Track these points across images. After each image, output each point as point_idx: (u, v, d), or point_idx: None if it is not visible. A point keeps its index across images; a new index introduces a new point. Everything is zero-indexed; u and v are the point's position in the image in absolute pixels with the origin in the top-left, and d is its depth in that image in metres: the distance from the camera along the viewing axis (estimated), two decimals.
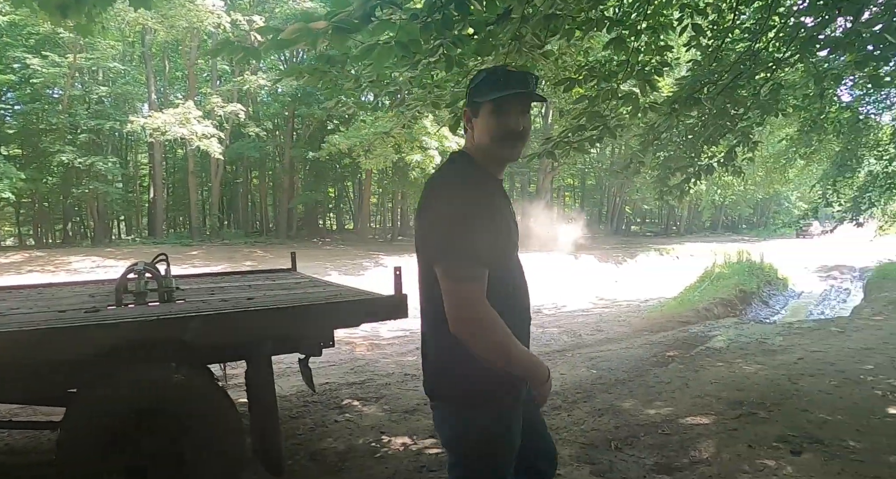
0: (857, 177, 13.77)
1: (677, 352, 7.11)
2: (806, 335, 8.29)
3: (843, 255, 26.61)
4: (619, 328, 10.77)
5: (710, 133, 6.72)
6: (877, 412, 5.04)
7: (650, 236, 38.49)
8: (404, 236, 32.70)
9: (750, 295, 15.42)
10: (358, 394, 5.70)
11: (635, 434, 4.47)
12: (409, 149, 21.74)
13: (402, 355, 8.35)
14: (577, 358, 7.14)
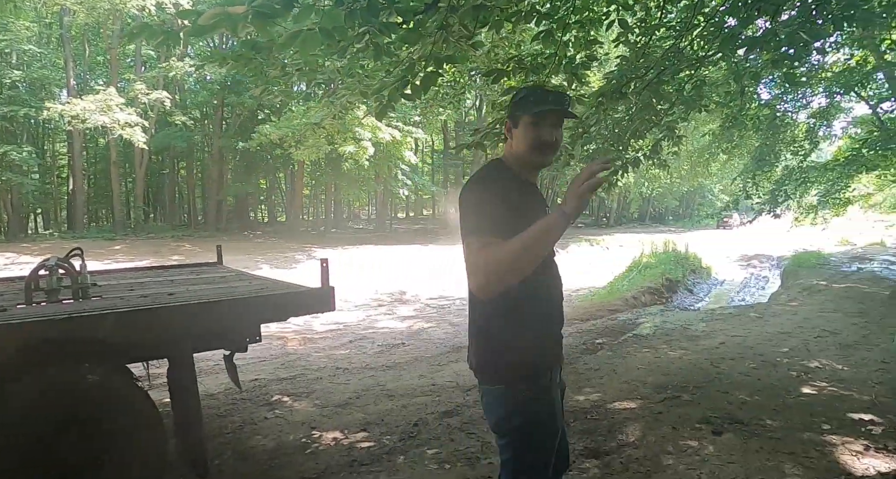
0: (775, 171, 14.41)
1: (606, 339, 7.29)
2: (727, 321, 8.63)
3: (762, 245, 27.89)
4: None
5: (636, 127, 6.87)
6: (792, 391, 5.30)
7: (581, 228, 39.23)
8: (338, 229, 32.35)
9: (676, 283, 15.94)
10: (288, 390, 5.59)
11: (565, 421, 4.55)
12: (342, 140, 21.41)
13: (334, 349, 8.26)
14: None
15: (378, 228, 31.32)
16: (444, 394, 5.27)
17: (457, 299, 15.56)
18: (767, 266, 22.77)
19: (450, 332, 9.78)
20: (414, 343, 8.44)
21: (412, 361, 6.85)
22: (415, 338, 9.11)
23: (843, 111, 15.04)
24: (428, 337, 9.22)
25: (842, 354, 6.77)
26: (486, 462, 3.82)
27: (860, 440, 4.19)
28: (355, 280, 17.29)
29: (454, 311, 13.28)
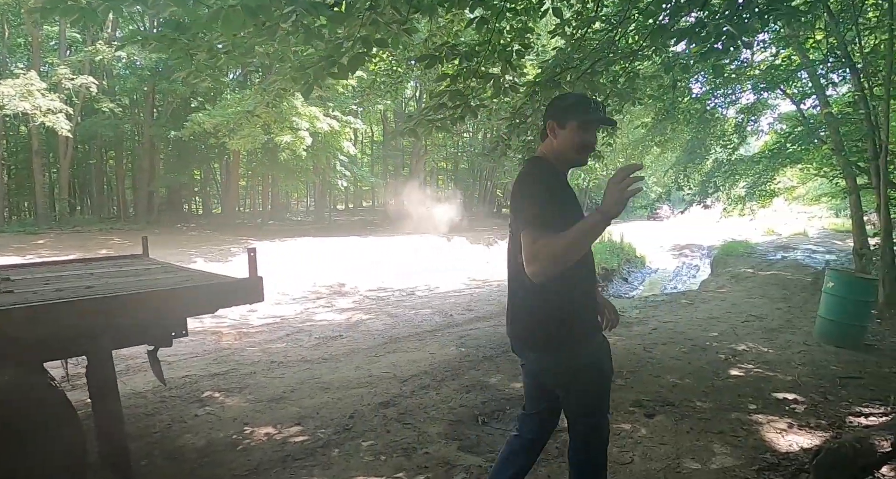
0: (705, 164, 14.83)
1: None
2: (659, 308, 8.85)
3: (693, 235, 28.78)
4: (489, 307, 10.97)
5: None
6: (720, 374, 5.47)
7: None
8: (276, 221, 31.62)
9: (611, 273, 16.28)
10: (220, 385, 5.41)
11: (502, 408, 4.56)
12: (279, 130, 20.90)
13: (270, 343, 8.06)
14: (447, 337, 7.20)
15: (317, 220, 30.74)
16: (380, 385, 5.20)
17: (396, 291, 15.48)
18: (698, 255, 23.51)
19: (388, 323, 9.69)
20: (351, 335, 8.32)
21: (349, 353, 6.74)
22: (353, 330, 8.97)
23: (770, 108, 15.60)
24: (366, 329, 9.09)
25: (767, 337, 7.03)
26: (423, 452, 3.78)
27: (784, 419, 4.35)
28: (293, 273, 16.98)
29: (393, 302, 13.20)
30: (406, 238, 23.87)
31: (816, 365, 5.88)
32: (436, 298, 13.90)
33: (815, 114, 13.84)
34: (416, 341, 7.16)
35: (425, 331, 8.03)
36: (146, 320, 3.23)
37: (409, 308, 11.92)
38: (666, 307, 8.86)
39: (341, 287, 16.02)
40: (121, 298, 3.07)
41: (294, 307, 12.42)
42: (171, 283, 3.62)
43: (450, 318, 9.80)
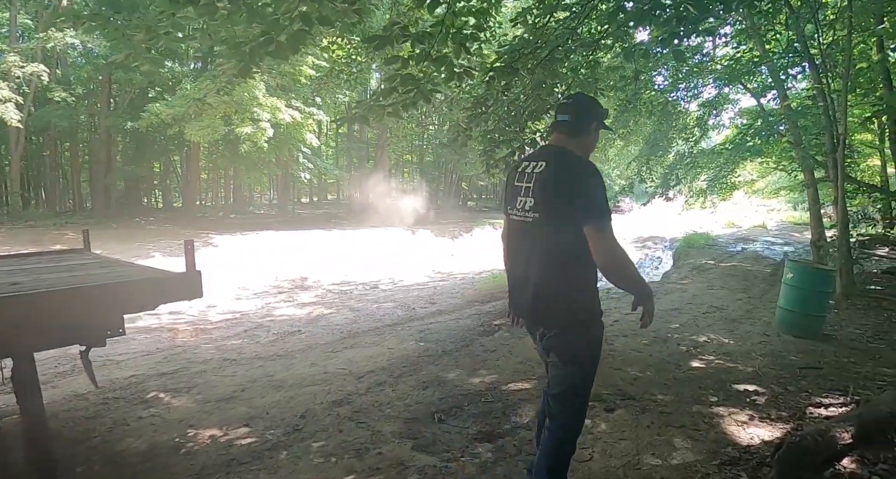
0: (668, 156, 14.90)
1: (504, 321, 7.22)
2: (622, 299, 8.80)
3: (655, 227, 29.04)
4: (452, 300, 10.86)
5: (532, 108, 6.83)
6: (682, 366, 5.41)
7: (486, 211, 39.58)
8: (238, 214, 30.96)
9: None
10: (168, 385, 5.17)
11: (459, 405, 4.42)
12: (240, 121, 20.40)
13: (226, 339, 7.81)
14: (408, 331, 7.04)
15: (280, 213, 30.20)
16: (335, 382, 5.02)
17: (359, 284, 15.27)
18: (661, 247, 23.68)
19: (349, 317, 9.50)
20: (310, 331, 8.11)
21: (305, 349, 6.54)
22: (312, 325, 8.77)
23: (731, 102, 15.74)
24: (326, 323, 8.90)
25: (728, 328, 7.02)
26: (376, 452, 3.62)
27: (745, 411, 4.30)
28: (255, 267, 16.67)
29: (356, 296, 13.01)
30: (370, 231, 23.64)
31: (776, 356, 5.87)
32: (399, 291, 13.76)
33: (774, 108, 14.00)
34: (376, 335, 6.99)
35: (386, 325, 7.88)
36: (75, 318, 2.99)
37: (372, 302, 11.76)
38: (629, 299, 8.83)
39: (304, 281, 15.77)
40: (45, 295, 2.84)
41: (254, 302, 12.19)
42: (103, 278, 3.39)
43: (412, 311, 9.65)
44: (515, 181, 2.68)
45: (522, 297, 2.69)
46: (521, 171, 2.66)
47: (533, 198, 2.55)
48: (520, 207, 2.62)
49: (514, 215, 2.68)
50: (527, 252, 2.62)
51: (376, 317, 9.06)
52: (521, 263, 2.67)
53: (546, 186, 2.51)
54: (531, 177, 2.58)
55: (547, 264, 2.54)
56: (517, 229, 2.69)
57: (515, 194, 2.66)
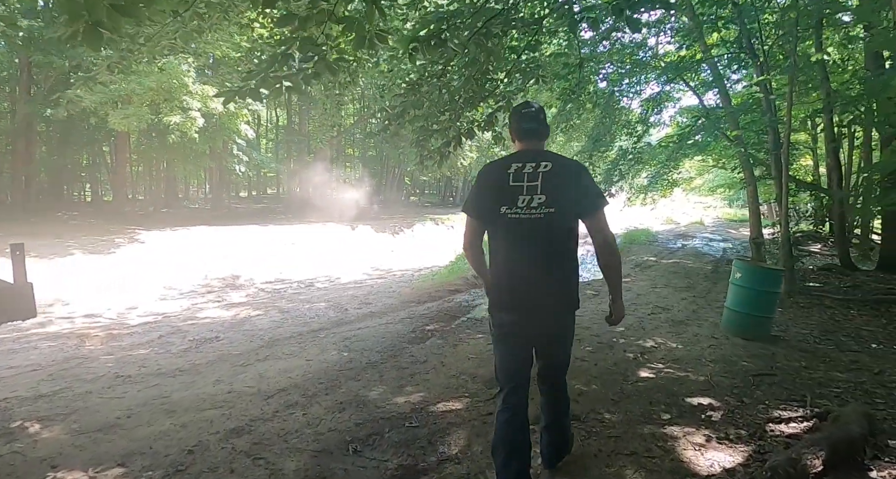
0: (610, 152, 14.59)
1: (437, 325, 6.60)
2: None
3: None
4: (387, 300, 10.21)
5: (469, 96, 6.24)
6: (629, 376, 4.88)
7: (429, 206, 38.96)
8: (171, 209, 29.27)
9: None
10: (41, 411, 4.31)
11: (380, 431, 3.75)
12: (168, 109, 19.07)
13: (136, 348, 6.97)
14: (332, 339, 6.32)
15: (215, 208, 28.69)
16: (238, 405, 4.27)
17: (294, 283, 14.47)
18: None
19: (276, 320, 8.76)
20: (230, 337, 7.32)
21: (215, 361, 5.74)
22: (234, 330, 7.98)
23: (673, 100, 15.56)
24: (250, 327, 8.13)
25: (675, 331, 6.58)
26: None
27: (702, 430, 3.80)
28: (184, 265, 15.67)
29: (288, 295, 12.26)
30: (308, 227, 22.70)
31: (727, 361, 5.44)
32: (334, 290, 13.09)
33: (716, 107, 13.88)
34: (297, 343, 6.24)
35: (311, 330, 7.15)
36: None
37: (304, 302, 11.08)
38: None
39: (235, 280, 14.94)
40: None
41: (180, 303, 11.38)
42: None
43: (344, 313, 9.00)
44: (511, 182, 2.72)
45: (538, 284, 2.74)
46: (516, 172, 2.72)
47: (545, 195, 2.67)
48: (523, 205, 2.69)
49: (515, 214, 2.71)
50: (541, 245, 2.71)
51: (305, 320, 8.35)
52: (535, 255, 2.72)
53: (560, 184, 2.69)
54: (536, 176, 2.69)
55: (564, 253, 2.76)
56: (519, 227, 2.72)
57: (515, 194, 2.71)
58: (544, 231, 2.70)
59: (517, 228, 2.71)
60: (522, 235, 2.71)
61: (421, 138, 6.35)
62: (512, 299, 2.79)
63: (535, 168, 2.70)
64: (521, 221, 2.69)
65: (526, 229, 2.70)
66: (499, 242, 2.79)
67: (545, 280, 2.73)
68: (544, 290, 2.74)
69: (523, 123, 2.86)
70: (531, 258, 2.72)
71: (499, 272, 2.82)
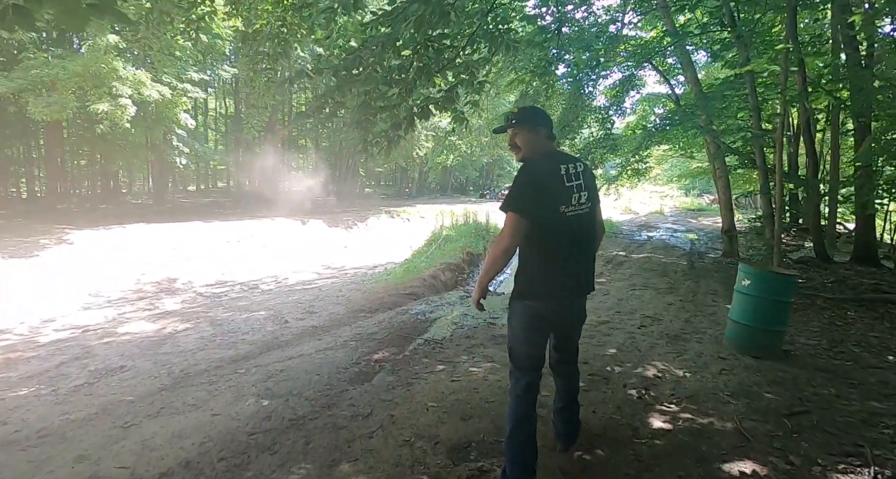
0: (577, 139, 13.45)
1: (388, 352, 5.22)
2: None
3: None
4: (334, 308, 8.87)
5: (422, 65, 4.90)
6: (641, 431, 3.63)
7: (384, 199, 37.35)
8: (111, 205, 26.82)
9: (477, 257, 14.60)
10: None
11: None
12: (96, 96, 17.10)
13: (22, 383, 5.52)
14: (254, 375, 4.86)
15: (158, 203, 26.52)
16: None
17: (237, 285, 12.99)
18: None
19: (204, 337, 7.36)
20: (138, 366, 5.88)
21: (96, 416, 4.19)
22: (149, 354, 6.55)
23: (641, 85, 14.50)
24: (170, 349, 6.73)
25: (674, 350, 5.39)
26: None
27: None
28: (117, 267, 14.01)
29: (227, 301, 10.84)
30: (256, 222, 21.01)
31: (749, 393, 4.29)
32: (280, 294, 11.70)
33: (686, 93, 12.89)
34: (209, 383, 4.76)
35: (234, 359, 5.73)
36: None
37: (243, 310, 9.71)
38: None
39: (171, 284, 13.42)
40: None
41: (105, 313, 9.99)
42: None
43: (283, 326, 7.70)
44: (566, 182, 2.81)
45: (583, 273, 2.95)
46: (566, 173, 2.83)
47: (587, 192, 2.88)
48: (576, 202, 2.82)
49: (571, 211, 2.81)
50: (585, 237, 2.94)
51: (235, 338, 7.01)
52: (582, 247, 2.92)
53: (592, 182, 2.98)
54: (578, 176, 2.86)
55: (592, 243, 3.05)
56: (575, 223, 2.83)
57: (569, 193, 2.81)
58: (588, 225, 2.95)
59: (573, 223, 2.82)
60: (577, 230, 2.86)
61: (363, 118, 4.97)
62: (560, 289, 2.86)
63: (576, 169, 2.86)
64: (577, 217, 2.83)
65: (579, 225, 2.86)
66: (552, 239, 2.80)
67: (586, 269, 2.98)
68: (583, 277, 2.97)
69: (552, 125, 3.02)
70: (581, 251, 2.92)
71: (548, 266, 2.83)
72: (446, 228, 17.32)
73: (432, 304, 7.48)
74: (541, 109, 3.11)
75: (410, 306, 7.57)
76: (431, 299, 7.94)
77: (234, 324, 8.44)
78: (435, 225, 18.43)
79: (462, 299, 7.77)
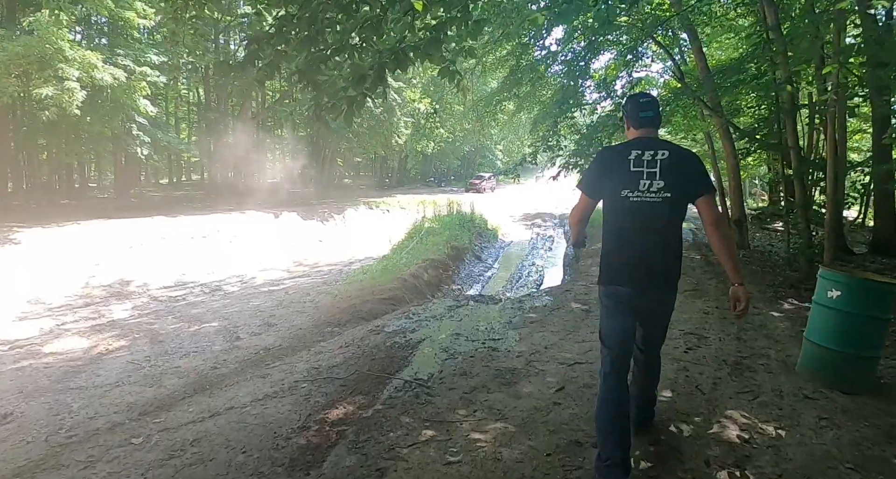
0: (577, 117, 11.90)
1: (352, 406, 3.53)
2: (546, 321, 5.58)
3: (539, 203, 26.47)
4: (297, 318, 7.37)
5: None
6: None
7: (364, 189, 35.47)
8: (74, 199, 24.63)
9: (462, 251, 13.07)
10: None
11: None
12: (40, 79, 15.13)
13: None
14: (148, 455, 3.08)
15: (121, 198, 24.41)
16: None
17: (197, 286, 11.42)
18: (551, 225, 21.07)
19: (138, 359, 5.92)
20: (27, 415, 4.27)
21: None
22: (58, 388, 5.04)
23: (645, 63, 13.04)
24: (84, 383, 5.25)
25: (745, 387, 3.92)
26: None
27: None
28: (63, 270, 12.33)
29: (180, 309, 9.39)
30: (225, 216, 19.23)
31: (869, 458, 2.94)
32: (242, 297, 10.21)
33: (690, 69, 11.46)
34: (83, 466, 3.14)
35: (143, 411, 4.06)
36: None
37: (194, 320, 8.32)
38: (557, 322, 5.55)
39: (124, 286, 11.80)
40: None
41: (41, 324, 8.37)
42: None
43: (233, 344, 6.31)
44: (632, 167, 2.75)
45: (653, 263, 2.78)
46: (636, 158, 2.75)
47: (663, 180, 2.71)
48: (643, 188, 2.73)
49: (637, 197, 2.74)
50: (654, 225, 2.75)
51: (170, 364, 5.72)
52: (648, 234, 2.77)
53: (679, 171, 2.73)
54: (655, 163, 2.74)
55: (674, 233, 2.84)
56: (635, 208, 2.75)
57: (636, 178, 2.74)
58: (661, 213, 2.75)
59: (638, 209, 2.76)
60: (643, 216, 2.76)
61: (311, 68, 3.36)
62: (629, 274, 2.81)
63: (654, 156, 2.75)
64: (642, 203, 2.74)
65: (646, 211, 2.74)
66: (617, 221, 2.83)
67: (658, 259, 2.80)
68: (657, 268, 2.80)
69: (641, 111, 2.90)
70: (648, 238, 2.77)
71: (615, 249, 2.86)
72: (428, 219, 15.75)
73: (414, 317, 5.89)
74: (628, 98, 3.21)
75: (387, 320, 5.97)
76: (413, 310, 6.34)
77: (178, 341, 6.97)
78: (416, 216, 16.89)
79: (451, 310, 6.19)
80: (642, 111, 2.88)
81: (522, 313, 5.78)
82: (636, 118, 2.89)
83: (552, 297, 6.64)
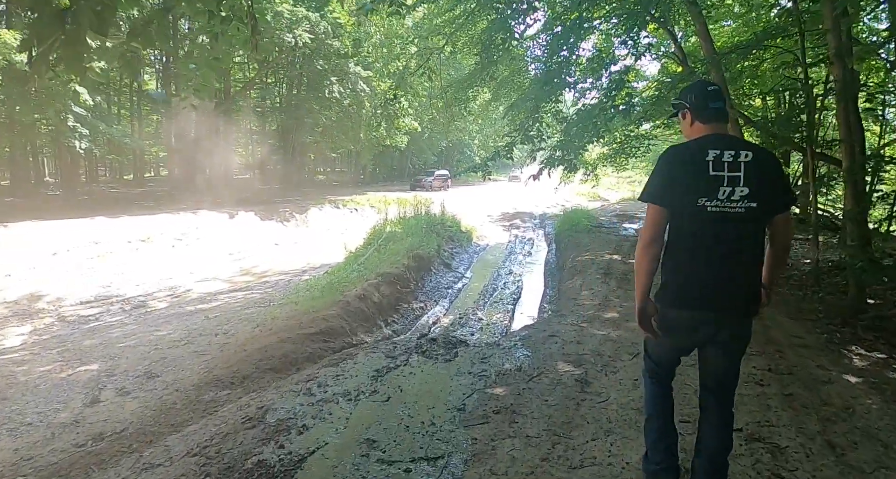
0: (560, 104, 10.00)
1: None
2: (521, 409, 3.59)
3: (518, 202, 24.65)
4: (187, 367, 5.45)
5: None
6: None
7: (336, 186, 33.16)
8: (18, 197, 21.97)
9: (429, 261, 11.05)
10: None
11: None
12: None
13: None
14: None
15: (67, 195, 21.99)
16: None
17: (119, 302, 9.45)
18: (530, 226, 19.17)
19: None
20: None
21: None
22: None
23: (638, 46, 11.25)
24: None
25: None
26: None
27: None
28: None
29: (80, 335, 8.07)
30: (174, 216, 17.03)
31: None
32: (156, 321, 8.30)
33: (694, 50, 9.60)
34: None
35: None
36: None
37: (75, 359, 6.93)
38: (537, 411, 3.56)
39: (33, 303, 9.89)
40: None
41: None
42: None
43: (82, 412, 4.74)
44: (711, 170, 2.22)
45: (737, 285, 2.28)
46: (716, 160, 2.23)
47: (747, 187, 2.21)
48: (724, 197, 2.22)
49: (716, 207, 2.22)
50: (737, 242, 2.25)
51: None
52: (733, 253, 2.26)
53: (765, 177, 2.24)
54: (737, 166, 2.22)
55: (758, 254, 2.33)
56: (719, 221, 2.23)
57: (716, 184, 2.22)
58: (742, 227, 2.25)
59: (717, 222, 2.24)
60: (723, 230, 2.25)
61: None
62: (701, 297, 2.31)
63: (736, 157, 2.23)
64: (722, 215, 2.23)
65: (728, 225, 2.24)
66: (690, 236, 2.30)
67: (742, 281, 2.30)
68: (741, 291, 2.31)
69: (710, 101, 2.36)
70: (729, 256, 2.27)
71: (686, 268, 2.33)
72: (391, 222, 13.72)
73: (318, 392, 3.74)
74: (689, 87, 2.50)
75: (282, 392, 3.87)
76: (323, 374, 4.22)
77: (27, 397, 5.22)
78: (379, 218, 14.92)
79: (380, 377, 4.11)
80: (712, 101, 2.35)
81: (484, 387, 3.76)
82: (704, 110, 2.36)
83: (530, 350, 4.60)
